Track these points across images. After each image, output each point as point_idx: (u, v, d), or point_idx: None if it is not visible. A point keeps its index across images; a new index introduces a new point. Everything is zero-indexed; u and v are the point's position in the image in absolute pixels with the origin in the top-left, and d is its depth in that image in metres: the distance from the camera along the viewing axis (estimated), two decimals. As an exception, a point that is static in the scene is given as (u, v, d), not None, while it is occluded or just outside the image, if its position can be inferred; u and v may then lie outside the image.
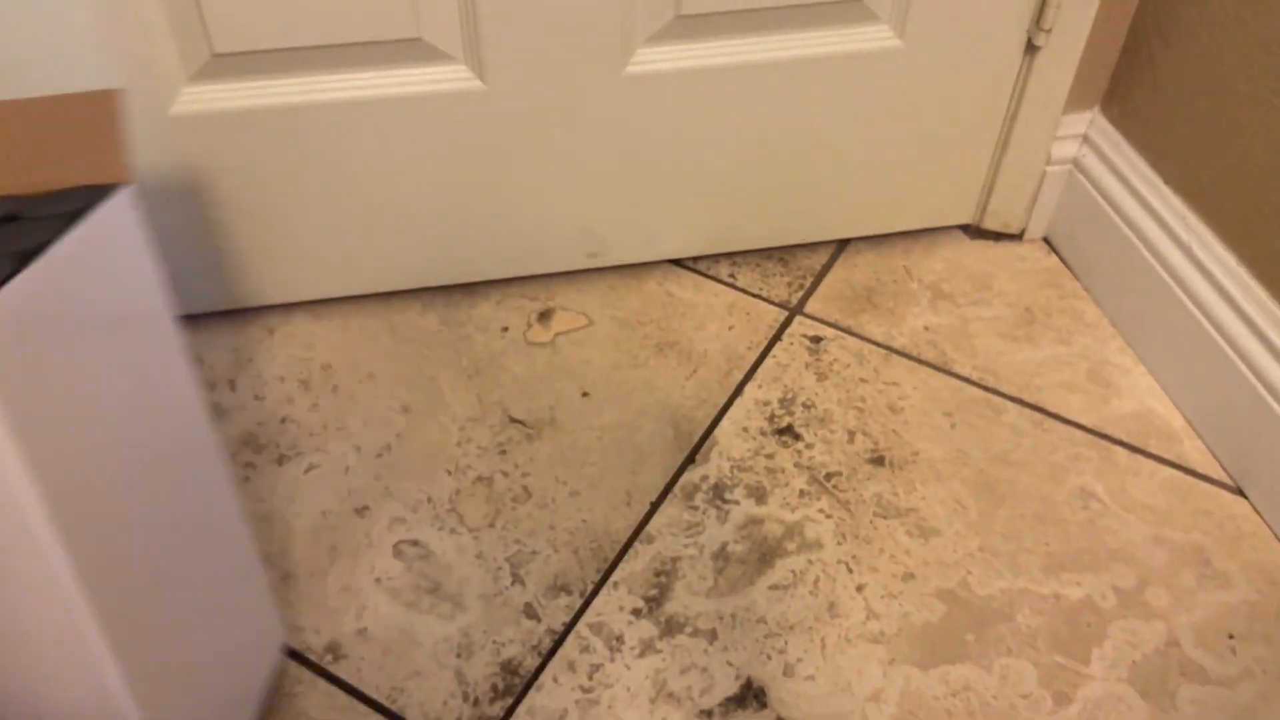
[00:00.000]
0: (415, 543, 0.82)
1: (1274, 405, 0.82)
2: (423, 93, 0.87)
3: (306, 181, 0.91)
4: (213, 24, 0.80)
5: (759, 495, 0.85)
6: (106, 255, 0.53)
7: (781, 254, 1.08)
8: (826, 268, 1.07)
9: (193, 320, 0.99)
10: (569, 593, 0.79)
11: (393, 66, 0.86)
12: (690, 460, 0.88)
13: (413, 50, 0.85)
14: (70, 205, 0.61)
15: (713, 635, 0.76)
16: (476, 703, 0.73)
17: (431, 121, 0.89)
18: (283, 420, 0.91)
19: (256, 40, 0.81)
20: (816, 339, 0.99)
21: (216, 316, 1.00)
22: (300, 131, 0.87)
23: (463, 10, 0.83)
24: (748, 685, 0.74)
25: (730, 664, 0.75)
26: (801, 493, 0.85)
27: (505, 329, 1.00)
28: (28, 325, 0.45)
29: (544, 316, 1.01)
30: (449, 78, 0.87)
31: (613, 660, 0.75)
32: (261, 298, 0.99)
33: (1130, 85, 0.98)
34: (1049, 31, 0.93)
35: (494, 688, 0.74)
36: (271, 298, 0.99)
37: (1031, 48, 0.95)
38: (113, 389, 0.52)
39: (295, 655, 0.76)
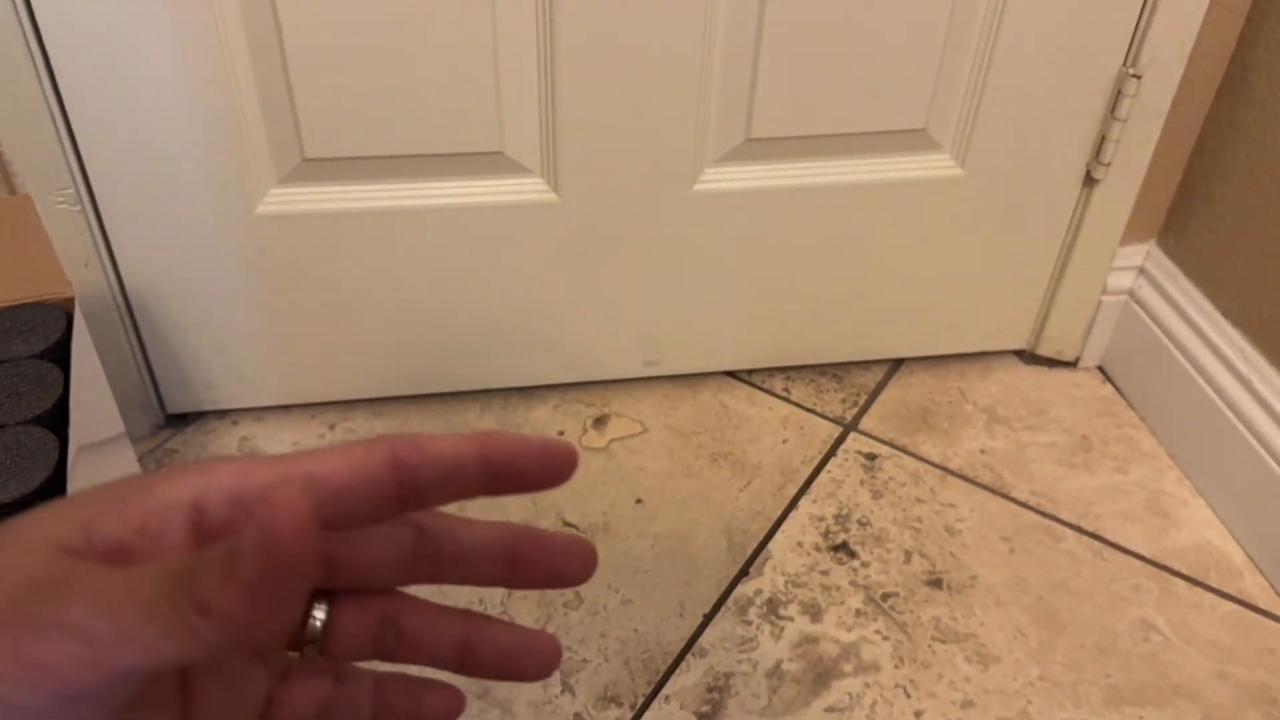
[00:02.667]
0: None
1: (1341, 544, 0.81)
2: (500, 203, 0.90)
3: (378, 283, 0.93)
4: (307, 130, 0.83)
5: (814, 613, 0.84)
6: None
7: (836, 370, 1.09)
8: (881, 385, 1.08)
9: (256, 413, 1.01)
10: (619, 704, 0.78)
11: (474, 177, 0.89)
12: (744, 573, 0.88)
13: (494, 163, 0.88)
14: (22, 326, 0.62)
15: (767, 755, 0.75)
16: (525, 814, 0.72)
17: (506, 230, 0.92)
18: (340, 514, 0.92)
19: (347, 147, 0.85)
20: (871, 456, 0.99)
21: (277, 410, 1.02)
22: (379, 235, 0.90)
23: (543, 127, 0.87)
24: (802, 810, 0.72)
25: (784, 787, 0.73)
26: (858, 612, 0.85)
27: (561, 433, 1.01)
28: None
29: (599, 422, 1.03)
30: (526, 190, 0.90)
31: (664, 776, 0.74)
32: (325, 394, 1.01)
33: (1187, 219, 1.00)
34: (1108, 165, 0.95)
35: (543, 799, 0.73)
36: (334, 394, 1.01)
37: (1090, 180, 0.97)
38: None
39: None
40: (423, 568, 0.28)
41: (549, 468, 0.26)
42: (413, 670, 0.30)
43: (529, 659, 0.29)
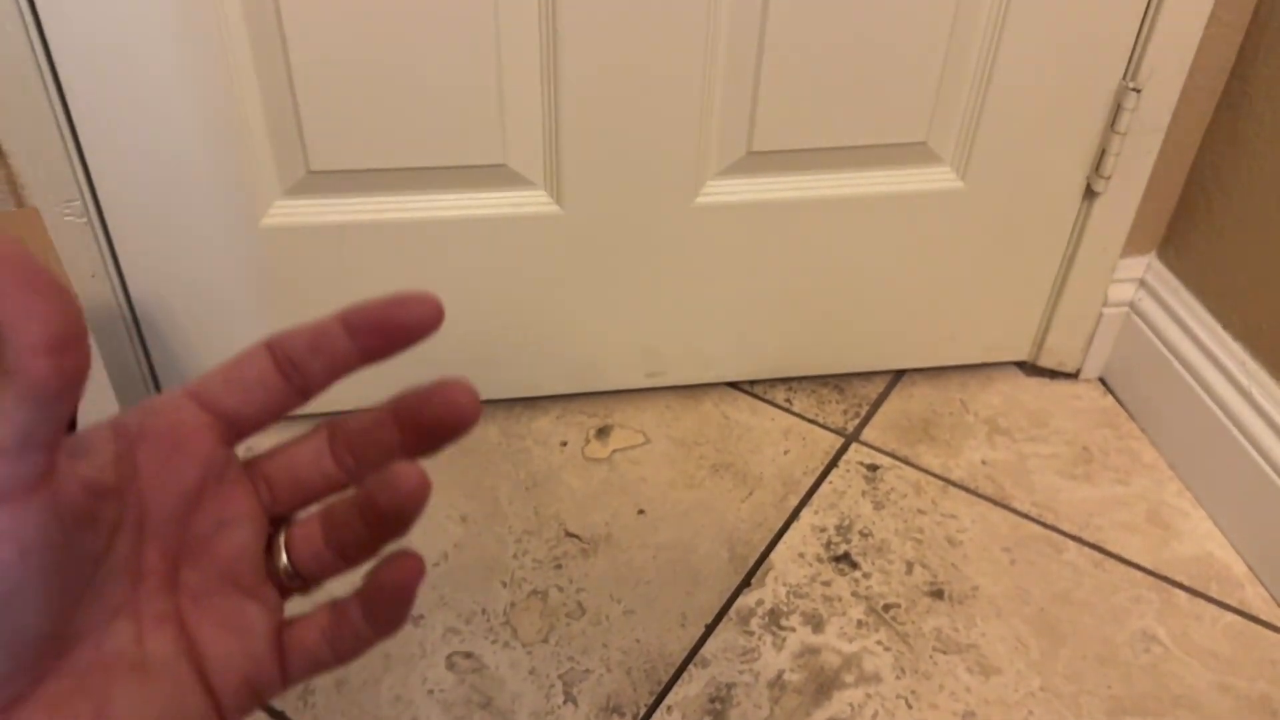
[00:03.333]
0: (469, 655, 0.82)
1: (1342, 556, 0.81)
2: (503, 215, 0.91)
3: (380, 293, 0.94)
4: (312, 143, 0.84)
5: (816, 623, 0.85)
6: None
7: (838, 381, 1.10)
8: (883, 397, 1.08)
9: (261, 422, 1.02)
10: (621, 714, 0.78)
11: (477, 190, 0.90)
12: (746, 584, 0.88)
13: (497, 175, 0.89)
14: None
15: (768, 766, 0.75)
16: (527, 824, 0.72)
17: (509, 242, 0.93)
18: (344, 525, 0.93)
19: (352, 160, 0.86)
20: (873, 467, 0.99)
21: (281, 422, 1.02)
22: (383, 247, 0.91)
23: (546, 140, 0.87)
24: (804, 821, 0.72)
25: (786, 797, 0.74)
26: (859, 623, 0.85)
27: (564, 443, 1.02)
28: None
29: (602, 433, 1.03)
30: (529, 202, 0.91)
31: (666, 787, 0.74)
32: (329, 404, 1.01)
33: (1188, 232, 1.00)
34: (1108, 178, 0.96)
35: (545, 809, 0.73)
36: (338, 404, 1.01)
37: (1091, 193, 0.98)
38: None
39: (347, 765, 0.75)
40: (339, 460, 0.31)
41: (406, 315, 0.29)
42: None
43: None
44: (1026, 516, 0.95)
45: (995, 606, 0.86)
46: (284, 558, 0.30)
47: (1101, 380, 1.11)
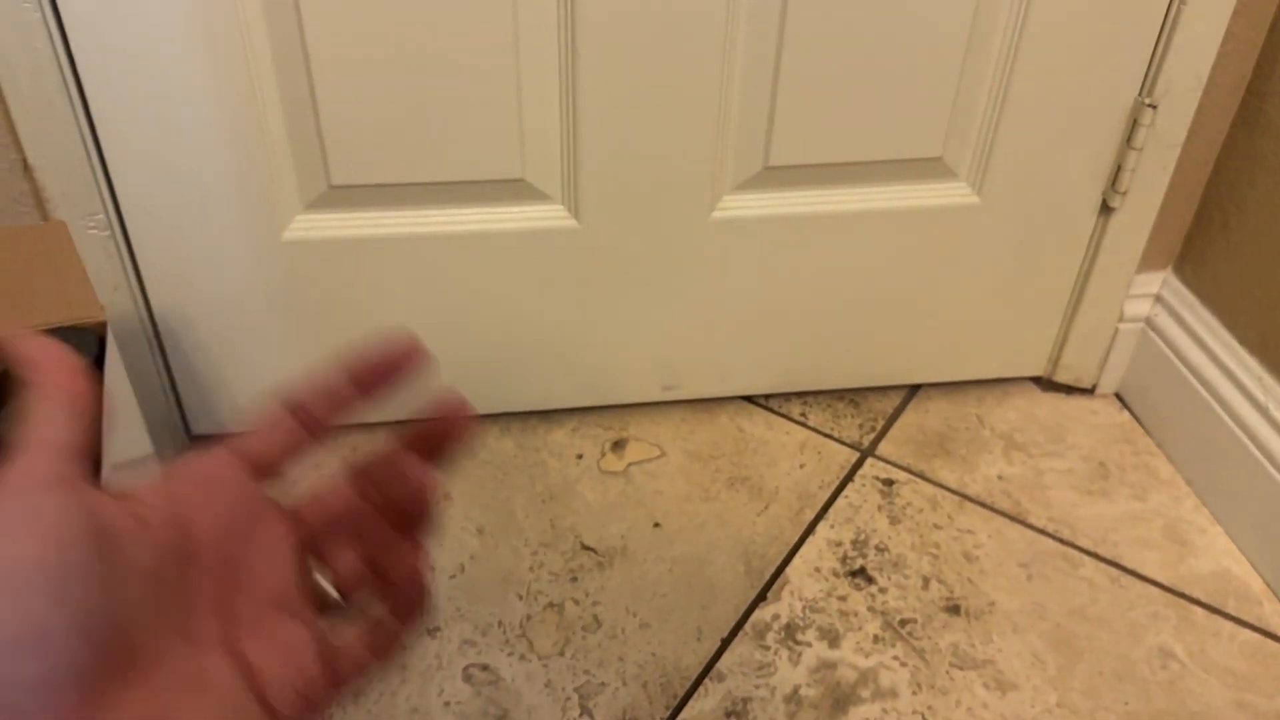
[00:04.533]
0: (485, 667, 0.83)
1: (1361, 573, 0.81)
2: (521, 229, 0.91)
3: (400, 308, 0.95)
4: (333, 158, 0.85)
5: (832, 638, 0.85)
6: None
7: (853, 396, 1.10)
8: (898, 411, 1.08)
9: (279, 434, 1.03)
10: (638, 728, 0.79)
11: (496, 204, 0.90)
12: (762, 597, 0.88)
13: (515, 190, 0.90)
14: None
15: (784, 781, 0.75)
16: (544, 837, 0.72)
17: (526, 256, 0.93)
18: (361, 536, 0.93)
19: (372, 175, 0.87)
20: (889, 482, 0.99)
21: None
22: (402, 261, 0.92)
23: (564, 155, 0.88)
24: (820, 836, 0.72)
25: (802, 812, 0.73)
26: (875, 638, 0.85)
27: (580, 456, 1.02)
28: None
29: (618, 446, 1.03)
30: (547, 216, 0.91)
31: (682, 801, 0.74)
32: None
33: (1204, 248, 1.00)
34: (1124, 194, 0.96)
35: (562, 822, 0.73)
36: (356, 416, 1.02)
37: (1106, 209, 0.98)
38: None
39: (364, 776, 0.76)
40: (360, 485, 0.35)
41: (394, 355, 0.35)
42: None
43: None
44: (1043, 532, 0.95)
45: (1012, 622, 0.86)
46: (323, 578, 0.33)
47: (1118, 396, 1.11)
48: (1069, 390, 1.11)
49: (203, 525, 0.30)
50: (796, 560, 0.91)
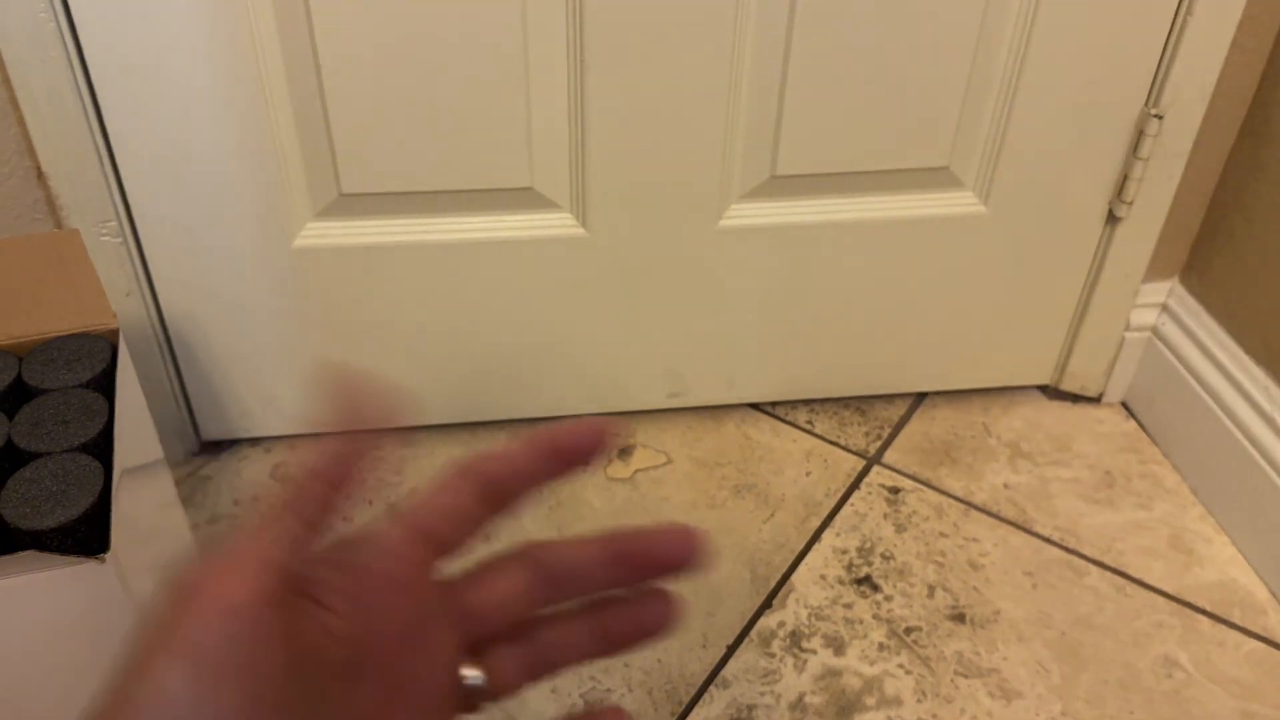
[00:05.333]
0: (492, 673, 0.83)
1: (1367, 584, 0.81)
2: (529, 237, 0.92)
3: (409, 315, 0.95)
4: (344, 166, 0.86)
5: (837, 646, 0.85)
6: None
7: (859, 403, 1.10)
8: (904, 419, 1.08)
9: (289, 440, 1.03)
10: (643, 734, 0.79)
11: (504, 212, 0.91)
12: (767, 605, 0.89)
13: (524, 198, 0.90)
14: (69, 356, 0.65)
15: (789, 788, 0.75)
16: (549, 842, 0.72)
17: (534, 264, 0.94)
18: (369, 542, 0.93)
19: (382, 183, 0.87)
20: (895, 490, 1.00)
21: (310, 439, 1.04)
22: (411, 269, 0.92)
23: (572, 164, 0.89)
24: (825, 843, 0.72)
25: (807, 819, 0.74)
26: (881, 646, 0.85)
27: (587, 463, 1.02)
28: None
29: (624, 453, 1.04)
30: (555, 224, 0.92)
31: (687, 807, 0.74)
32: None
33: (1210, 257, 1.00)
34: (1130, 204, 0.96)
35: (567, 828, 0.73)
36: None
37: (1113, 218, 0.98)
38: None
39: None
40: (540, 593, 0.32)
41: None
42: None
43: (653, 618, 0.32)
44: (1048, 540, 0.95)
45: (1017, 630, 0.86)
46: (479, 677, 0.31)
47: (1124, 404, 1.11)
48: (1075, 399, 1.11)
49: (381, 637, 0.29)
50: (802, 568, 0.92)
